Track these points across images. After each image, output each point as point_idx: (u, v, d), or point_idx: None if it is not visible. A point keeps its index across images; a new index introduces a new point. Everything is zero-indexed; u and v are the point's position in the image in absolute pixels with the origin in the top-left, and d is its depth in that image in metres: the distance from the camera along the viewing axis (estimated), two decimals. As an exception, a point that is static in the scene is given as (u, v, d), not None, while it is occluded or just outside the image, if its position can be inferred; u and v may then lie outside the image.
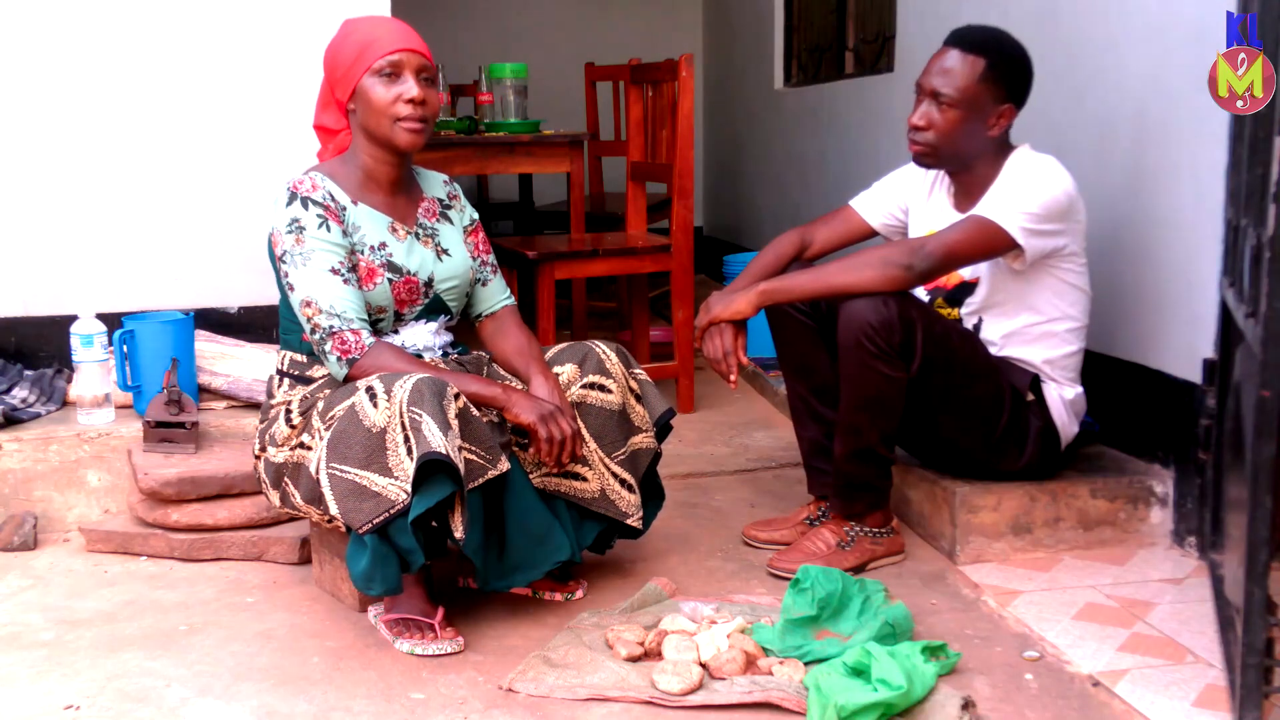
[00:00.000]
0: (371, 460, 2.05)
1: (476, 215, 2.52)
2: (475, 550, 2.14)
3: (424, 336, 2.38)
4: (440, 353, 2.40)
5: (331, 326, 2.19)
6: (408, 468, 2.01)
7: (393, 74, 2.23)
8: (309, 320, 2.21)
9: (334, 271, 2.21)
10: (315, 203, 2.24)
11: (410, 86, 2.23)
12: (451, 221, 2.45)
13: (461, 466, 2.02)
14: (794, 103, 5.39)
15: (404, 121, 2.24)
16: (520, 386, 2.35)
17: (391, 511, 2.03)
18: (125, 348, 2.93)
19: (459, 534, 2.08)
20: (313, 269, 2.20)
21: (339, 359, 2.20)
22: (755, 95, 5.91)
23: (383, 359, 2.19)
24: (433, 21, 5.64)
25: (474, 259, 2.46)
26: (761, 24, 5.78)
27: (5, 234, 3.23)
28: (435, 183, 2.48)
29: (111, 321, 3.03)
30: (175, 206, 3.31)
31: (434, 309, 2.38)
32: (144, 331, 2.94)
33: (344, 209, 2.28)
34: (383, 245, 2.30)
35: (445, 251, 2.39)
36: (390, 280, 2.29)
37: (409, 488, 2.01)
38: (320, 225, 2.22)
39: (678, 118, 3.70)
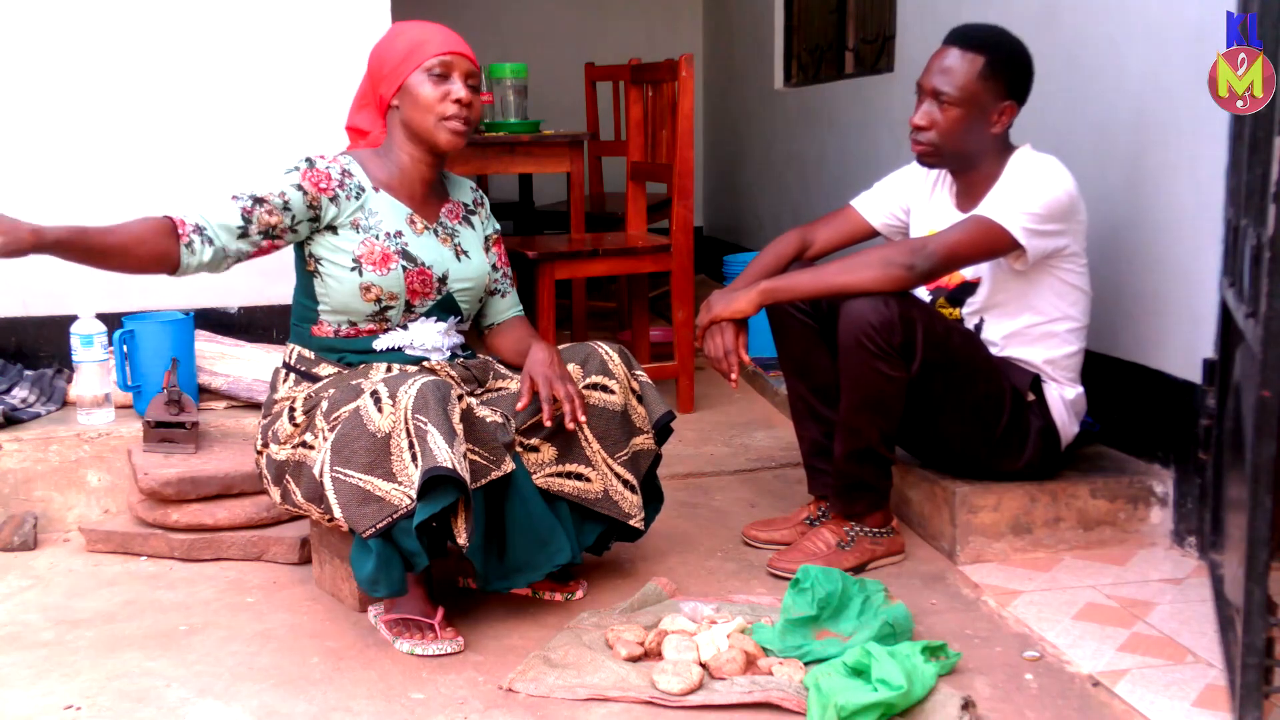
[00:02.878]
0: (375, 465, 2.05)
1: (499, 227, 2.56)
2: (476, 551, 2.14)
3: (433, 336, 2.38)
4: (448, 354, 2.41)
5: (186, 216, 2.21)
6: (412, 474, 2.02)
7: (442, 74, 2.28)
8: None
9: (245, 210, 2.22)
10: (316, 169, 2.28)
11: (458, 87, 2.28)
12: (473, 227, 2.48)
13: (466, 474, 2.03)
14: (794, 103, 5.39)
15: (449, 120, 2.27)
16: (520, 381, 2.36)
17: (395, 516, 2.04)
18: (125, 348, 2.93)
19: (462, 541, 2.09)
20: (249, 187, 2.24)
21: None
22: (755, 95, 5.91)
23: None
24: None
25: (495, 269, 2.49)
26: (761, 24, 5.78)
27: (5, 234, 3.23)
28: (464, 188, 2.52)
29: (111, 321, 3.02)
30: (175, 206, 3.30)
31: (445, 307, 2.39)
32: (144, 331, 2.94)
33: (361, 190, 2.31)
34: (398, 234, 2.32)
35: (464, 253, 2.42)
36: (404, 268, 2.31)
37: (413, 493, 2.02)
38: (295, 187, 2.26)
39: (678, 118, 3.70)
